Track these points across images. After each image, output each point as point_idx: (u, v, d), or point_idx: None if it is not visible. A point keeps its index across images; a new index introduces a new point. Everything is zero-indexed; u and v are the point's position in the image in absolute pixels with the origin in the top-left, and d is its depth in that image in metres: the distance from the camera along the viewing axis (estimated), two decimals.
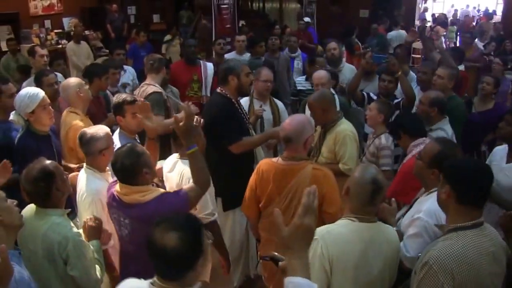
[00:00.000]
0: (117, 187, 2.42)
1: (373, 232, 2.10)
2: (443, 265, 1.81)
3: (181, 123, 2.34)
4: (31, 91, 3.17)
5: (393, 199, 2.56)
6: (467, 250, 1.83)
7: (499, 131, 3.34)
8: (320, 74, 4.26)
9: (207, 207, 2.74)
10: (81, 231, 2.45)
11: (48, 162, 2.36)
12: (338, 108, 4.05)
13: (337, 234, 2.06)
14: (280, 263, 2.36)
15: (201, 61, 5.57)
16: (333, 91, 4.15)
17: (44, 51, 5.13)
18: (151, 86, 4.04)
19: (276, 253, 2.47)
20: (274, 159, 2.87)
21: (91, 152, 2.74)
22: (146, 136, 3.13)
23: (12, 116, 3.17)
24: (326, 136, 3.41)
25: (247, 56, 6.13)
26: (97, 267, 2.37)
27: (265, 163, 2.86)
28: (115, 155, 2.41)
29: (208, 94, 5.31)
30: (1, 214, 1.93)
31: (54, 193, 2.30)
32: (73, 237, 2.24)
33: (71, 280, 2.27)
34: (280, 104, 4.38)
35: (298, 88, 5.24)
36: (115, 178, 2.51)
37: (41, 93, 3.21)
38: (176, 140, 2.84)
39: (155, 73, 4.13)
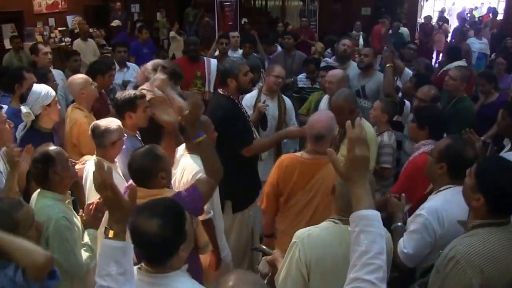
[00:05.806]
0: None
1: None
2: (471, 261, 1.75)
3: (185, 112, 2.28)
4: (44, 88, 3.26)
5: (403, 194, 2.54)
6: (494, 246, 1.78)
7: (498, 126, 3.36)
8: (335, 72, 4.21)
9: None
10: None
11: (52, 147, 2.47)
12: None
13: (317, 237, 1.96)
14: (267, 257, 2.39)
15: (204, 58, 5.59)
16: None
17: (48, 49, 5.09)
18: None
19: (265, 247, 2.51)
20: (298, 154, 2.81)
21: (104, 144, 2.79)
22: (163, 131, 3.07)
23: (24, 109, 3.17)
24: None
25: (240, 52, 6.12)
26: (86, 253, 2.39)
27: (287, 158, 2.81)
28: (132, 156, 2.31)
29: (211, 90, 5.31)
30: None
31: (52, 177, 2.38)
32: (57, 220, 2.26)
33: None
34: (288, 101, 4.35)
35: (300, 85, 5.28)
36: (129, 182, 2.49)
37: (52, 90, 3.33)
38: (184, 133, 2.77)
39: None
